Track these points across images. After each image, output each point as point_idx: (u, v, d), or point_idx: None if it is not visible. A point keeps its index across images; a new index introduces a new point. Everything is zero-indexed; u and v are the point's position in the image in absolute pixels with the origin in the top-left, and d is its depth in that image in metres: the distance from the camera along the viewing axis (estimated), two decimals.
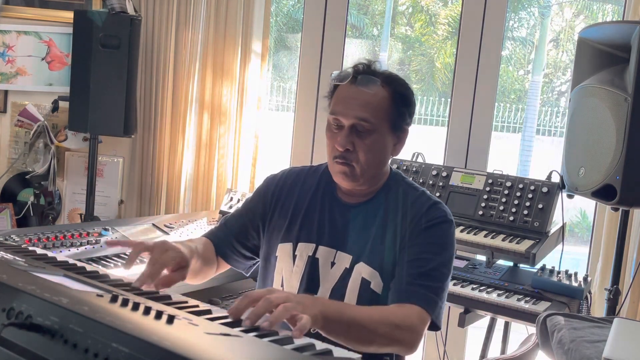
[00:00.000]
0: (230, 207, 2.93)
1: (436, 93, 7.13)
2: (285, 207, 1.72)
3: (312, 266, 1.64)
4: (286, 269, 1.67)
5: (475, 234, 2.58)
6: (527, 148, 7.54)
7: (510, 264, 2.63)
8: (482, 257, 2.68)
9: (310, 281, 1.64)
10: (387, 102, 1.60)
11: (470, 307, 2.43)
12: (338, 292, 1.62)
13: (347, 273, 1.62)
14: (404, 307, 1.50)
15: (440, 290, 1.55)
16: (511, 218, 2.59)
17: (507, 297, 2.38)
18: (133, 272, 2.15)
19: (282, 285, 1.68)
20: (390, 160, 1.71)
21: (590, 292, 2.53)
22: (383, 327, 1.42)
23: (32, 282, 1.02)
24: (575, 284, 2.39)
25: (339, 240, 1.65)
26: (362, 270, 1.61)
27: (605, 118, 2.30)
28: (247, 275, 1.82)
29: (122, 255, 2.29)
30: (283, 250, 1.68)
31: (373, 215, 1.65)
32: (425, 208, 1.63)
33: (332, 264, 1.64)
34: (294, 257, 1.66)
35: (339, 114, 1.59)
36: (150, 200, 3.37)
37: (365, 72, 1.61)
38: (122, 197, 3.45)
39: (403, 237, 1.60)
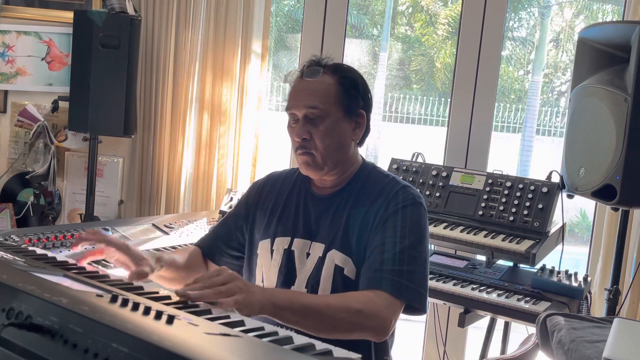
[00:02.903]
0: (230, 207, 2.93)
1: (436, 93, 7.13)
2: (265, 207, 1.78)
3: (289, 259, 1.69)
4: (265, 264, 1.73)
5: (475, 234, 2.58)
6: (527, 148, 7.53)
7: (510, 264, 2.63)
8: (482, 257, 2.68)
9: (287, 273, 1.69)
10: (334, 87, 1.65)
11: (470, 307, 2.43)
12: (313, 280, 1.65)
13: (321, 261, 1.65)
14: (369, 293, 1.53)
15: (411, 273, 1.56)
16: (511, 218, 2.59)
17: (507, 297, 2.38)
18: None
19: (262, 281, 1.73)
20: (355, 147, 1.73)
21: (590, 292, 2.53)
22: (342, 313, 1.45)
23: (32, 282, 1.02)
24: (575, 284, 2.39)
25: (312, 231, 1.69)
26: (335, 257, 1.64)
27: (605, 118, 2.30)
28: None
29: None
30: (262, 246, 1.74)
31: (345, 203, 1.68)
32: (394, 192, 1.65)
33: (308, 254, 1.68)
34: (272, 251, 1.72)
35: (291, 107, 1.67)
36: (150, 200, 3.37)
37: (312, 65, 1.69)
38: (122, 197, 3.45)
39: (372, 222, 1.63)
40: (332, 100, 1.64)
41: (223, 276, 1.32)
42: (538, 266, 2.52)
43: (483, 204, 2.67)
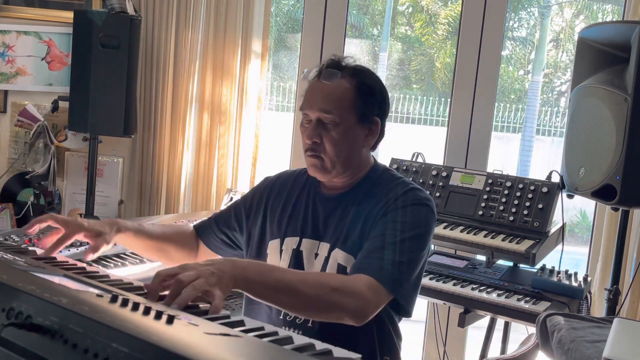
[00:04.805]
0: None
1: (436, 93, 7.14)
2: (275, 207, 1.77)
3: (297, 259, 1.68)
4: (274, 264, 1.71)
5: (475, 234, 2.58)
6: (527, 148, 7.54)
7: (510, 264, 2.63)
8: (482, 257, 2.68)
9: None
10: (350, 93, 1.63)
11: (470, 307, 2.43)
12: None
13: (326, 261, 1.65)
14: (352, 275, 1.50)
15: (401, 264, 1.52)
16: (511, 218, 2.59)
17: (507, 297, 2.38)
18: (134, 272, 2.16)
19: None
20: (366, 151, 1.72)
21: (590, 292, 2.53)
22: (318, 290, 1.38)
23: (32, 282, 1.02)
24: (575, 284, 2.39)
25: (320, 232, 1.69)
26: (338, 256, 1.63)
27: (605, 118, 2.30)
28: None
29: (122, 255, 2.29)
30: (272, 247, 1.73)
31: (352, 203, 1.68)
32: (402, 191, 1.64)
33: (316, 255, 1.67)
34: (281, 251, 1.71)
35: (305, 108, 1.66)
36: (150, 200, 3.37)
37: (331, 67, 1.66)
38: (122, 197, 3.45)
39: (375, 217, 1.61)
40: (347, 106, 1.62)
41: (186, 273, 1.19)
42: (538, 266, 2.52)
43: (483, 204, 2.67)
